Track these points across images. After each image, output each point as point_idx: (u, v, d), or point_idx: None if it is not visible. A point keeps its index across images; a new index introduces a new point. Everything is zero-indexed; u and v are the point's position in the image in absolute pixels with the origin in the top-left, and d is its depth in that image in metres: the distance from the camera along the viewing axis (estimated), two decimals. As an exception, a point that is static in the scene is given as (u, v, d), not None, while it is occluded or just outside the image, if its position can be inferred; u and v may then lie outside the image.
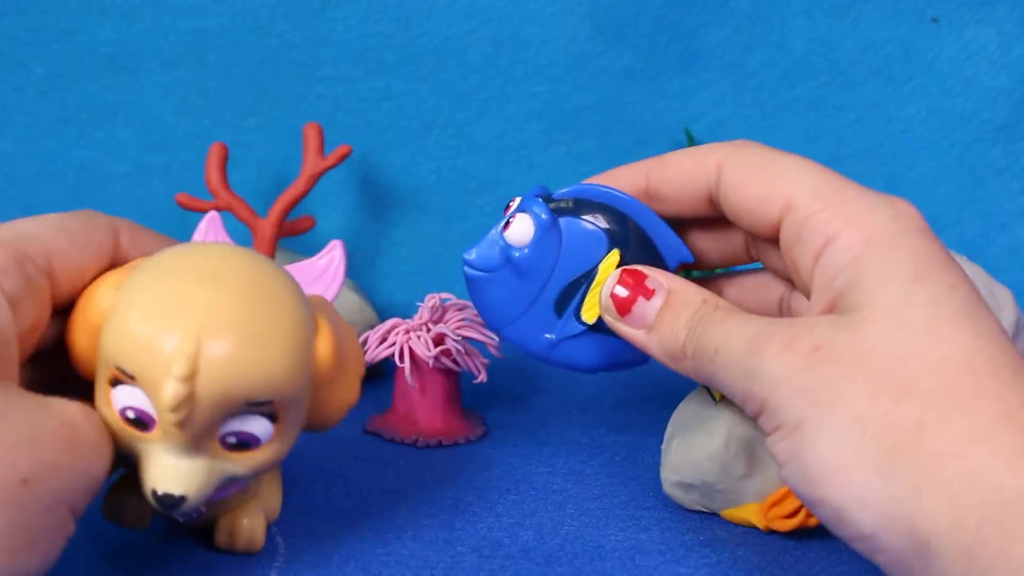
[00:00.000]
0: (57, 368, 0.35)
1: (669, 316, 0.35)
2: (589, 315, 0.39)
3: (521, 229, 0.39)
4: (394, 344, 0.48)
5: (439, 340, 0.48)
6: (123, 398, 0.32)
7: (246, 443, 0.33)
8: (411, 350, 0.48)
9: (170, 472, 0.32)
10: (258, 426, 0.33)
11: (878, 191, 0.33)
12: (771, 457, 0.32)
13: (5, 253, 0.32)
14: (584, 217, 0.39)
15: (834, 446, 0.30)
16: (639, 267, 0.37)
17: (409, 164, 0.68)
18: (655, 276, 0.36)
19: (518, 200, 0.40)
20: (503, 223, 0.39)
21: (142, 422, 0.32)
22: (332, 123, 0.66)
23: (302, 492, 0.43)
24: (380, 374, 0.58)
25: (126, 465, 0.35)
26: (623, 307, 0.36)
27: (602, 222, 0.39)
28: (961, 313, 0.30)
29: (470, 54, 0.66)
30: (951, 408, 0.29)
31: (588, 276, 0.39)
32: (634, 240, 0.38)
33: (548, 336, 0.40)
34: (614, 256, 0.38)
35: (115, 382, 0.32)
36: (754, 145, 0.36)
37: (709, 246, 0.40)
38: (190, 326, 0.31)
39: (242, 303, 0.32)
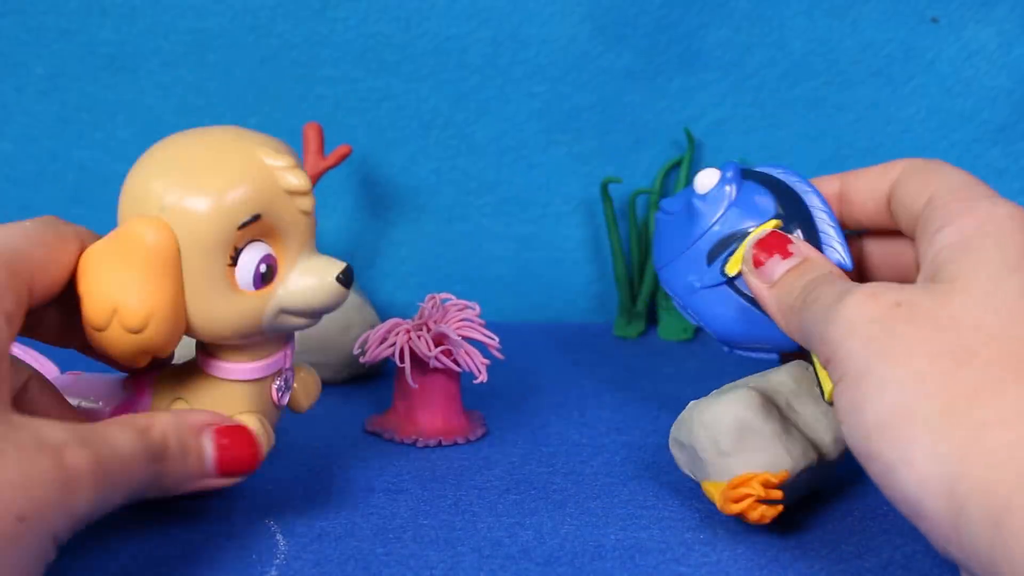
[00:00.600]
0: None
1: (793, 276, 0.38)
2: (732, 268, 0.41)
3: (707, 179, 0.42)
4: (394, 344, 0.48)
5: (439, 340, 0.48)
6: (250, 259, 0.36)
7: None
8: (411, 350, 0.48)
9: (326, 262, 0.38)
10: None
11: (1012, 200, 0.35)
12: (835, 414, 0.33)
13: (5, 274, 0.33)
14: (764, 187, 0.42)
15: (892, 400, 0.30)
16: (792, 235, 0.40)
17: (409, 164, 0.68)
18: (799, 245, 0.39)
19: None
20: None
21: (271, 269, 0.37)
22: (332, 123, 0.66)
23: (302, 491, 0.43)
24: (380, 374, 0.58)
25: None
26: (758, 259, 0.39)
27: (777, 197, 0.42)
28: None
29: (470, 54, 0.66)
30: (1010, 380, 0.29)
31: (745, 235, 0.41)
32: (800, 223, 0.41)
33: (693, 280, 0.42)
34: (772, 222, 0.41)
35: (236, 255, 0.36)
36: (936, 160, 0.39)
37: (881, 261, 0.43)
38: (251, 142, 0.37)
39: (242, 129, 0.38)
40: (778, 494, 0.38)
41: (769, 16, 0.65)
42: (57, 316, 0.37)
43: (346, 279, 0.37)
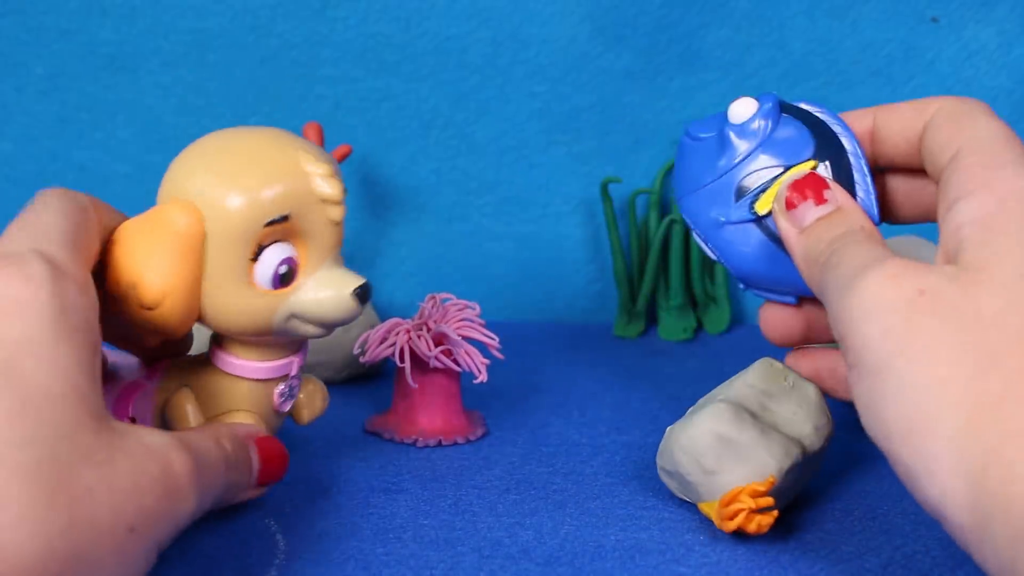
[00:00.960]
0: None
1: (823, 225, 0.36)
2: (762, 206, 0.39)
3: (743, 108, 0.40)
4: (394, 344, 0.48)
5: (439, 340, 0.48)
6: (271, 260, 0.36)
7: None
8: (411, 350, 0.48)
9: (346, 275, 0.38)
10: None
11: None
12: (853, 399, 0.32)
13: (82, 264, 0.32)
14: (803, 124, 0.40)
15: (914, 405, 0.29)
16: (829, 180, 0.38)
17: (409, 164, 0.68)
18: (835, 191, 0.37)
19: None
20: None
21: (291, 271, 0.37)
22: (332, 123, 0.66)
23: (302, 491, 0.43)
24: (380, 374, 0.58)
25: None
26: (792, 202, 0.37)
27: (815, 136, 0.40)
28: None
29: (470, 54, 0.66)
30: None
31: (778, 173, 0.39)
32: (835, 168, 0.39)
33: (718, 214, 0.40)
34: (809, 163, 0.39)
35: (259, 252, 0.36)
36: (972, 102, 0.37)
37: (905, 198, 0.40)
38: (293, 147, 0.37)
39: (288, 131, 0.38)
40: (768, 501, 0.38)
41: (769, 16, 0.65)
42: None
43: (362, 295, 0.38)
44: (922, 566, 0.38)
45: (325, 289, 0.37)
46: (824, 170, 0.39)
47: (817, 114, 0.40)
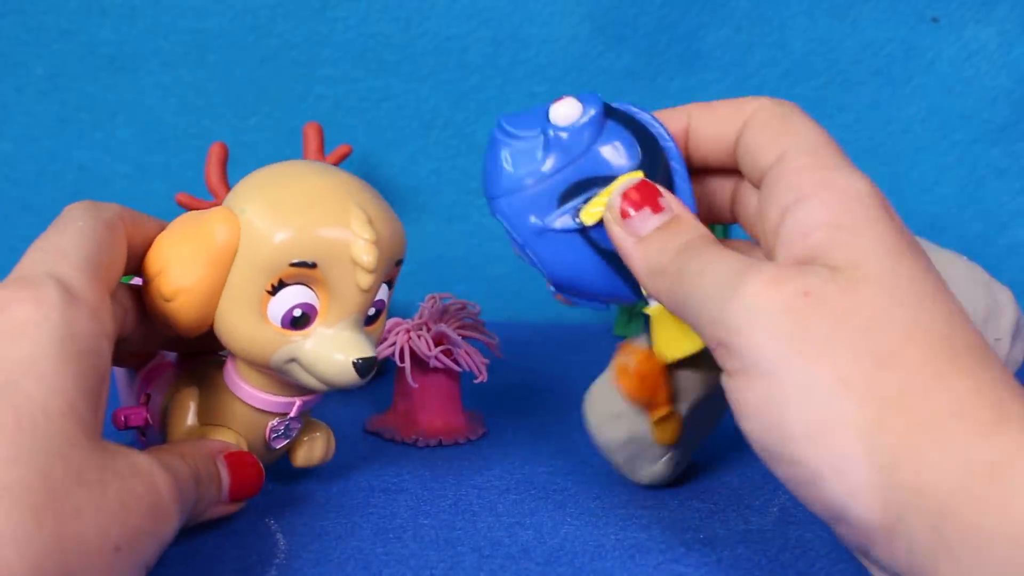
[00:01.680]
0: None
1: (664, 235, 0.35)
2: (588, 217, 0.38)
3: (568, 110, 0.38)
4: (394, 344, 0.48)
5: (439, 340, 0.48)
6: (287, 299, 0.36)
7: (377, 312, 0.39)
8: (411, 350, 0.48)
9: (357, 342, 0.37)
10: (384, 293, 0.39)
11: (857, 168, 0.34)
12: (729, 400, 0.31)
13: (99, 288, 0.32)
14: (628, 131, 0.38)
15: (818, 405, 0.29)
16: (660, 186, 0.37)
17: (409, 164, 0.68)
18: (670, 199, 0.36)
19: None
20: (552, 101, 0.39)
21: (306, 317, 0.37)
22: (332, 123, 0.66)
23: (303, 491, 0.43)
24: (380, 374, 0.58)
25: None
26: (626, 211, 0.36)
27: (641, 144, 0.38)
28: (937, 293, 0.31)
29: (470, 54, 0.66)
30: (932, 380, 0.29)
31: (604, 181, 0.38)
32: (661, 177, 0.38)
33: (538, 221, 0.38)
34: (637, 174, 0.38)
35: (278, 287, 0.36)
36: (788, 104, 0.36)
37: (705, 199, 0.40)
38: (352, 202, 0.37)
39: (364, 185, 0.38)
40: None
41: (769, 16, 0.65)
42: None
43: (363, 367, 0.37)
44: (922, 566, 0.38)
45: (331, 347, 0.37)
46: (653, 178, 0.38)
47: (636, 116, 0.39)
